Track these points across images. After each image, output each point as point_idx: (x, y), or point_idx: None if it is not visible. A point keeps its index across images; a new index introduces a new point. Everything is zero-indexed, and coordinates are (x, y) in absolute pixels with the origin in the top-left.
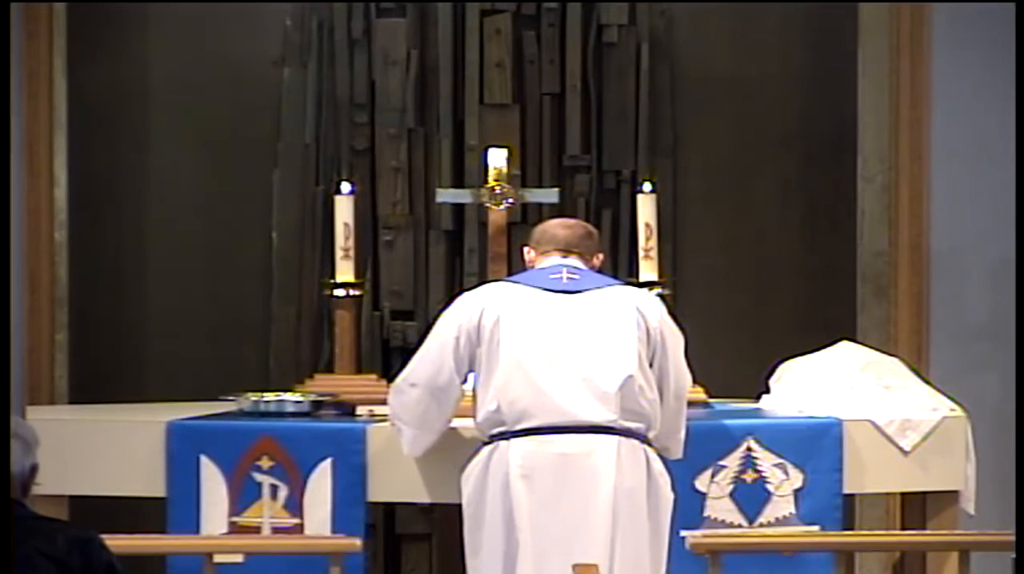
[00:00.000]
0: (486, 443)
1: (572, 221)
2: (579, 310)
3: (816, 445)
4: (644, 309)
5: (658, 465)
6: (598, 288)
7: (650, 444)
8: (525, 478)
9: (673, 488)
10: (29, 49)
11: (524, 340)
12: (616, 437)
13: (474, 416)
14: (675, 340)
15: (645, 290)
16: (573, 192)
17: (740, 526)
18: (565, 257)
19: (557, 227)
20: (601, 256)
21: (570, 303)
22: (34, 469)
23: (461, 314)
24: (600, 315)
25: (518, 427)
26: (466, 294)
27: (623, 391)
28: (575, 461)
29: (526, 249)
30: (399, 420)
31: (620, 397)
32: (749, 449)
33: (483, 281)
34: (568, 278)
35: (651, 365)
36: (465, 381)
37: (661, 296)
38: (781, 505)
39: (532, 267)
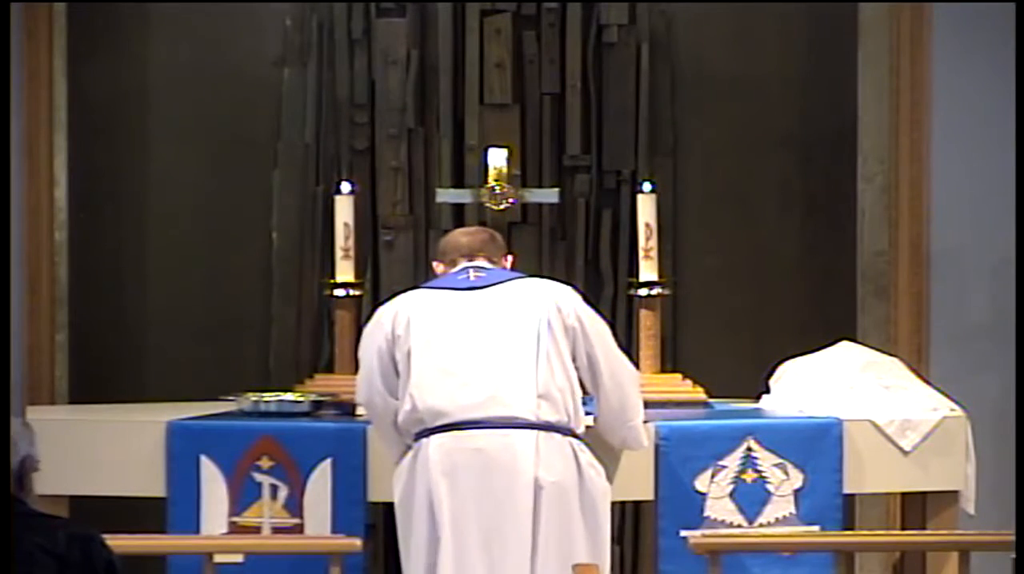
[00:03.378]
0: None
1: (473, 228)
2: (487, 304)
3: (816, 445)
4: (558, 299)
5: (587, 457)
6: (506, 281)
7: (576, 437)
8: (445, 474)
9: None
10: (29, 49)
11: (434, 339)
12: (535, 431)
13: (395, 420)
14: (596, 327)
15: (558, 281)
16: (573, 192)
17: (740, 526)
18: (471, 261)
19: (459, 235)
20: (510, 258)
21: (478, 298)
22: (26, 462)
23: (376, 330)
24: (508, 307)
25: (436, 424)
26: (380, 308)
27: (537, 382)
28: (493, 456)
29: (434, 263)
30: (375, 433)
31: (534, 388)
32: (749, 449)
33: None
34: (475, 276)
35: (575, 356)
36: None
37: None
38: (781, 505)
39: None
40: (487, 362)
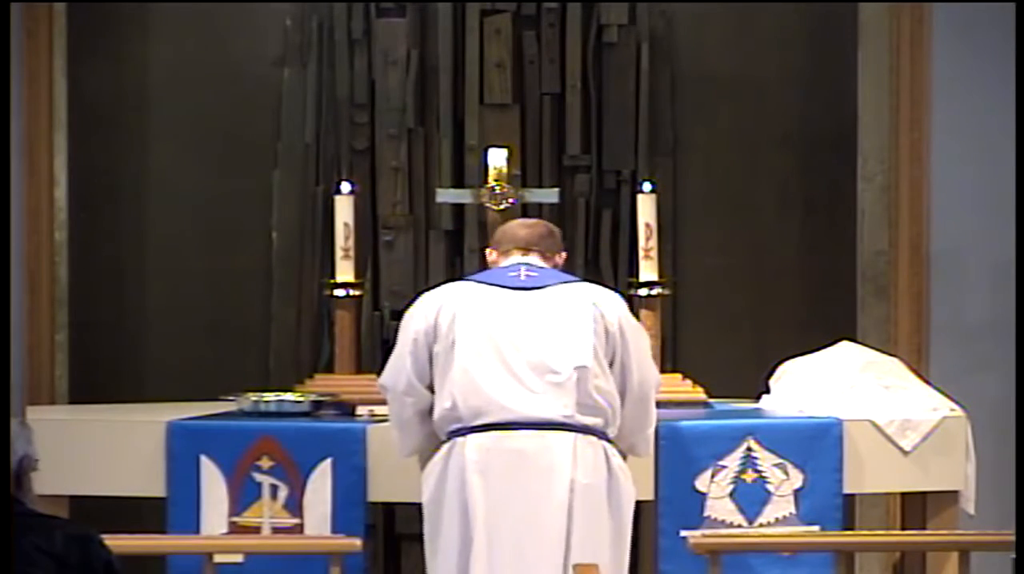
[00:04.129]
0: (445, 441)
1: (533, 220)
2: (535, 306)
3: (816, 445)
4: (603, 305)
5: (618, 461)
6: (556, 284)
7: (609, 441)
8: (481, 474)
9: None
10: (29, 49)
11: (480, 337)
12: (572, 433)
13: (431, 414)
14: (637, 336)
15: (606, 288)
16: (573, 192)
17: (740, 526)
18: (525, 255)
19: (518, 227)
20: (563, 255)
21: (527, 299)
22: (24, 461)
23: (418, 317)
24: (556, 311)
25: (474, 423)
26: (425, 294)
27: (578, 386)
28: (530, 457)
29: (487, 251)
30: (390, 420)
31: (575, 392)
32: (749, 449)
33: None
34: (526, 275)
35: (612, 362)
36: (431, 386)
37: (621, 293)
38: (781, 505)
39: (494, 267)
40: (530, 364)
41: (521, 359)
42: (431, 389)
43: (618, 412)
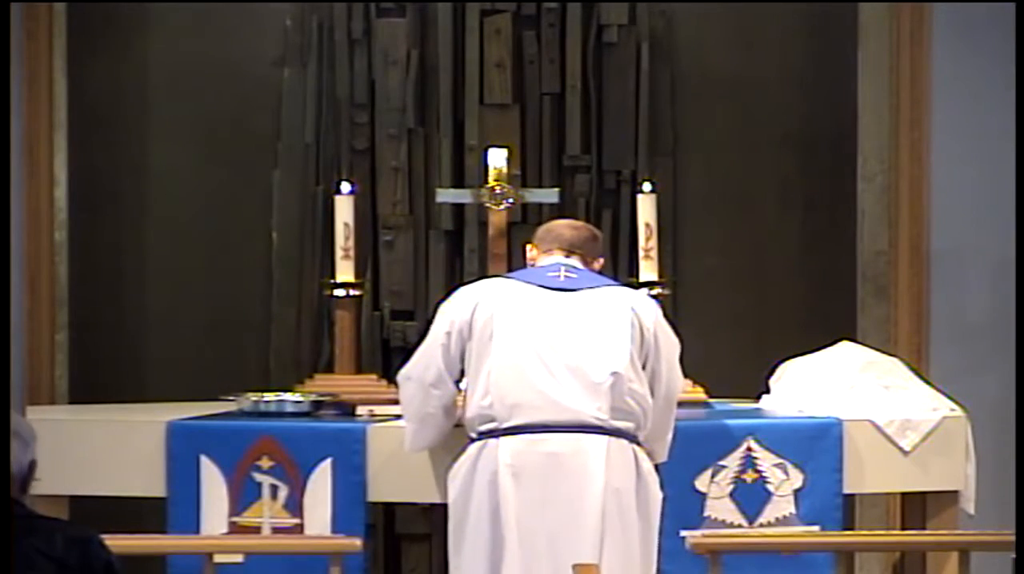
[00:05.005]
0: (474, 440)
1: (579, 223)
2: (573, 308)
3: (816, 445)
4: (639, 310)
5: (647, 465)
6: (594, 287)
7: (639, 444)
8: (514, 476)
9: (667, 487)
10: (29, 49)
11: (517, 336)
12: (606, 437)
13: (463, 410)
14: (669, 343)
15: (642, 291)
16: (573, 192)
17: (740, 526)
18: (567, 256)
19: (564, 227)
20: (602, 260)
21: (565, 301)
22: (32, 465)
23: (455, 310)
24: (594, 314)
25: (508, 424)
26: (463, 288)
27: (613, 390)
28: (565, 460)
29: (528, 246)
30: (404, 413)
31: (610, 396)
32: (749, 449)
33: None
34: (565, 276)
35: (643, 367)
36: (459, 381)
37: (656, 298)
38: (781, 505)
39: (533, 264)
40: (567, 366)
41: (558, 360)
42: (456, 384)
43: (649, 416)
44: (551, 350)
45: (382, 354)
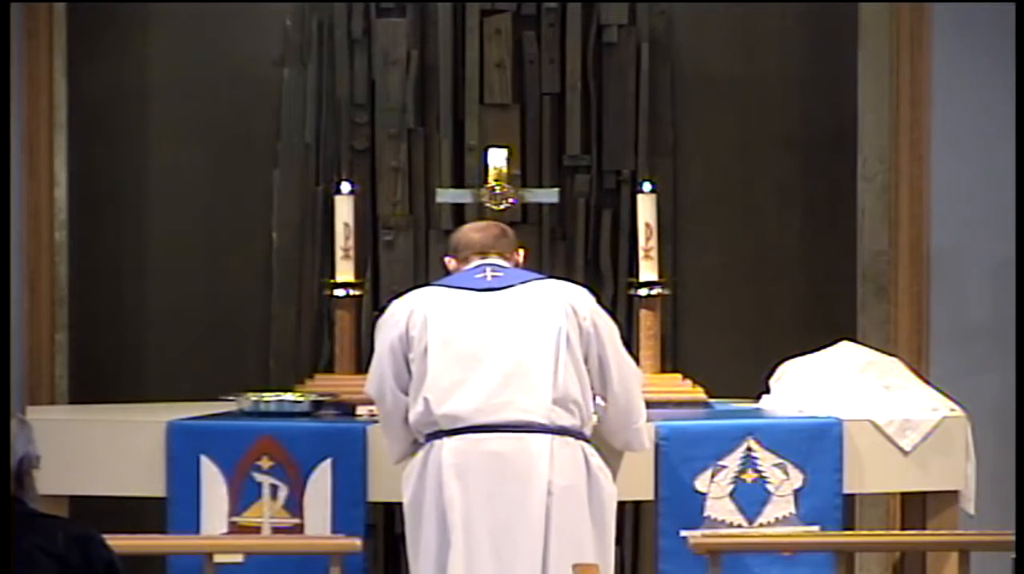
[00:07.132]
0: (422, 444)
1: (483, 223)
2: (505, 306)
3: (816, 445)
4: (573, 301)
5: (596, 461)
6: (524, 283)
7: (587, 440)
8: (458, 476)
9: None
10: (29, 49)
11: (451, 341)
12: (549, 435)
13: (407, 418)
14: (609, 329)
15: (573, 283)
16: (573, 192)
17: (740, 526)
18: (483, 258)
19: (471, 231)
20: (522, 252)
21: (496, 300)
22: (24, 460)
23: (390, 325)
24: (526, 309)
25: (450, 427)
26: (394, 302)
27: (553, 385)
28: (508, 460)
29: (447, 259)
30: (381, 428)
31: (551, 392)
32: (749, 449)
33: None
34: (492, 275)
35: (587, 358)
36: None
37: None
38: (781, 505)
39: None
40: (504, 365)
41: (495, 359)
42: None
43: (591, 412)
44: (487, 350)
45: None
